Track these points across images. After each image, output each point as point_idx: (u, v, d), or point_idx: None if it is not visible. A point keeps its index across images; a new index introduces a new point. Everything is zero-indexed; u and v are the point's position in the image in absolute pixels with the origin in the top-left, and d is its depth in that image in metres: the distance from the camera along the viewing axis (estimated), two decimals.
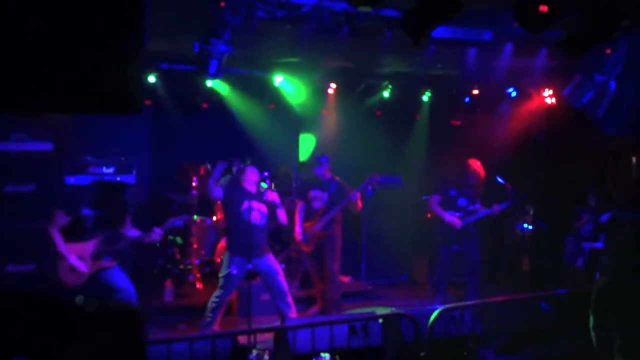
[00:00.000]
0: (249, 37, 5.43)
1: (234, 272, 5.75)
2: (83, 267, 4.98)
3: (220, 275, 5.91)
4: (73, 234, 5.00)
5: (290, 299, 5.97)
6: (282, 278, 5.99)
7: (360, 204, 6.86)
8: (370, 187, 7.09)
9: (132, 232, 5.30)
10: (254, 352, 4.53)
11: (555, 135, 8.24)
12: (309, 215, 6.86)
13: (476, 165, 7.15)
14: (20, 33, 1.54)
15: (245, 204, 5.81)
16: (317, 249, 6.80)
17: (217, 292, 5.91)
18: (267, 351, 4.59)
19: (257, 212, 5.86)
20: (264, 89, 8.34)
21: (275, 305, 6.06)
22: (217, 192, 5.97)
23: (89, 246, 5.03)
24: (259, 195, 5.93)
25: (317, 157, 7.13)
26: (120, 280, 5.20)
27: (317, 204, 6.86)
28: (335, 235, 6.84)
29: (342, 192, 6.86)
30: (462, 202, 7.18)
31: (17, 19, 1.53)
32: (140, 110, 1.73)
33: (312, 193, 6.88)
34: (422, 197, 8.35)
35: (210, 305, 5.90)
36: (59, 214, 4.98)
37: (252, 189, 5.92)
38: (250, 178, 5.97)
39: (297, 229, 6.79)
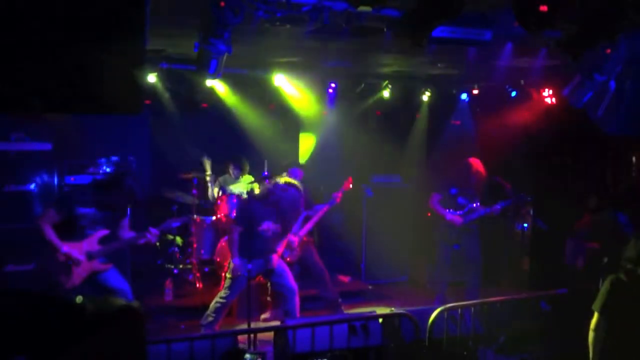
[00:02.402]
0: (249, 37, 5.43)
1: (244, 273, 5.77)
2: (77, 254, 4.91)
3: (228, 276, 5.91)
4: (68, 232, 4.95)
5: (297, 299, 5.97)
6: (289, 276, 6.00)
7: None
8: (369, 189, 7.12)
9: (128, 234, 5.26)
10: (248, 356, 4.51)
11: (555, 135, 8.24)
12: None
13: (477, 164, 7.15)
14: (20, 33, 1.54)
15: (266, 225, 5.94)
16: (301, 255, 6.79)
17: (222, 293, 5.91)
18: (259, 356, 4.58)
19: (271, 232, 6.01)
20: (264, 89, 8.34)
21: (281, 303, 6.10)
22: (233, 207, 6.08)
23: (82, 245, 4.98)
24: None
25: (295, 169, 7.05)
26: (116, 281, 5.16)
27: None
28: (310, 235, 6.91)
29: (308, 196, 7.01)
30: (462, 200, 7.19)
31: (17, 19, 1.53)
32: (140, 110, 1.73)
33: None
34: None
35: (214, 305, 5.89)
36: (51, 211, 4.95)
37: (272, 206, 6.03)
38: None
39: (289, 236, 6.63)
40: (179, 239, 7.75)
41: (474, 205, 7.15)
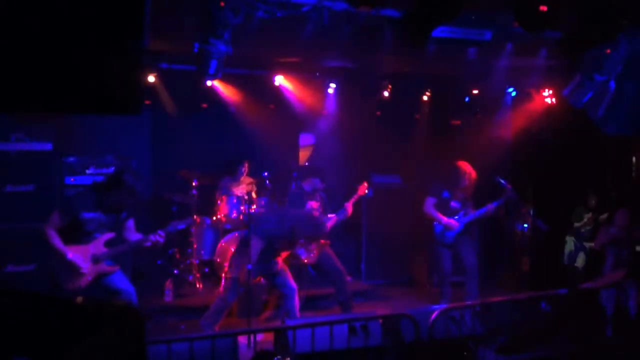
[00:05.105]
0: (249, 37, 5.44)
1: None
2: (81, 262, 4.91)
3: (228, 277, 5.91)
4: (73, 236, 4.94)
5: (296, 299, 5.97)
6: (288, 275, 6.00)
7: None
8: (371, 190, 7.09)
9: (135, 236, 5.25)
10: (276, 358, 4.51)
11: (555, 135, 8.24)
12: None
13: (467, 167, 7.16)
14: (20, 33, 1.54)
15: None
16: (318, 257, 6.76)
17: (223, 294, 5.91)
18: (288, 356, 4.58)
19: None
20: (264, 89, 8.34)
21: (280, 303, 6.09)
22: None
23: (89, 248, 4.98)
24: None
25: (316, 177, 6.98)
26: (121, 282, 5.17)
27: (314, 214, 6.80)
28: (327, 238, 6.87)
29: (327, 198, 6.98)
30: (455, 204, 7.20)
31: (17, 19, 1.53)
32: (140, 110, 1.73)
33: (310, 204, 6.82)
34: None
35: (214, 306, 5.89)
36: (55, 215, 4.93)
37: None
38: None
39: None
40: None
41: (467, 209, 7.17)
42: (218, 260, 7.48)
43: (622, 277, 5.94)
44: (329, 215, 6.82)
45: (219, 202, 7.86)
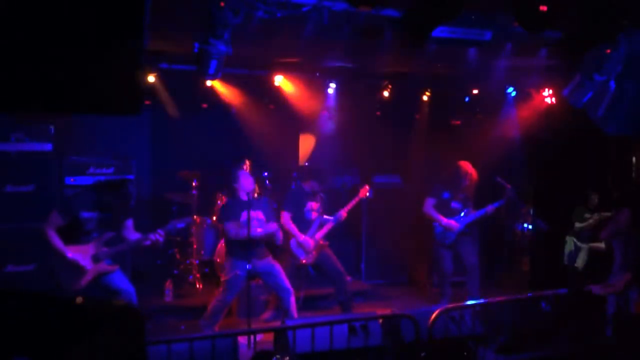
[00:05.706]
0: (249, 37, 5.44)
1: (240, 273, 5.76)
2: (82, 259, 4.92)
3: (224, 278, 5.91)
4: (72, 236, 4.95)
5: (293, 299, 5.98)
6: (283, 277, 6.00)
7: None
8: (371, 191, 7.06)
9: (134, 235, 5.26)
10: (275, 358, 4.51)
11: (555, 135, 8.24)
12: (301, 226, 6.65)
13: (468, 167, 7.15)
14: (20, 33, 1.54)
15: (244, 216, 5.82)
16: (317, 258, 6.73)
17: (220, 295, 5.91)
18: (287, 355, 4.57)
19: (256, 221, 5.89)
20: (264, 89, 8.34)
21: (279, 304, 6.08)
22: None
23: (89, 248, 4.99)
24: (256, 202, 5.97)
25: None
26: (121, 282, 5.18)
27: (312, 215, 6.77)
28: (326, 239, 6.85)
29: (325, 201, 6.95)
30: (455, 205, 7.19)
31: (17, 19, 1.53)
32: (140, 111, 1.73)
33: (310, 204, 6.80)
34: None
35: (213, 307, 5.89)
36: (55, 214, 4.95)
37: (245, 197, 5.90)
38: (245, 185, 5.96)
39: (305, 238, 6.59)
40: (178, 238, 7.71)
41: (467, 210, 7.16)
42: (218, 260, 7.49)
43: (628, 281, 5.93)
44: (327, 217, 6.80)
45: (219, 202, 7.86)
